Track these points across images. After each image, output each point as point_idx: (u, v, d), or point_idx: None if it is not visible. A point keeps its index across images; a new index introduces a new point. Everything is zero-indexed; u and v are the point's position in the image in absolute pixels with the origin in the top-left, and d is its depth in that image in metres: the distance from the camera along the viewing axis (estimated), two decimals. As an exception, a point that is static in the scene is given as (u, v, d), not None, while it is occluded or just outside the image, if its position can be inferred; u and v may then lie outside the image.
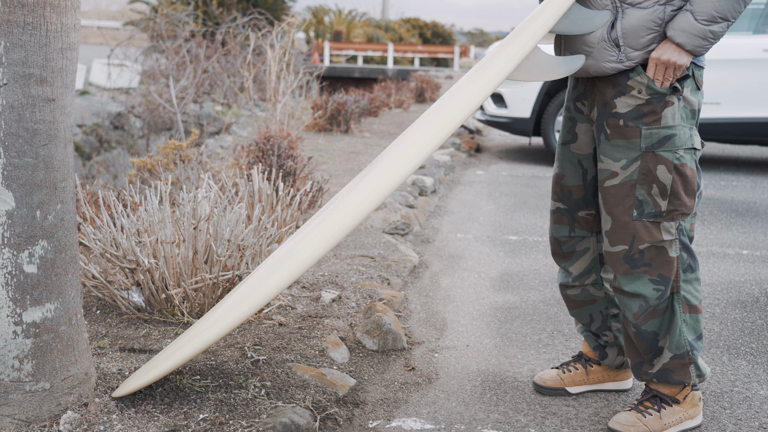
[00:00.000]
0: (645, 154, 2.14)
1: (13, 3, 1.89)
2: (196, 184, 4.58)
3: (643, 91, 2.13)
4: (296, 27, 9.73)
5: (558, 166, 2.40)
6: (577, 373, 2.52)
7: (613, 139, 2.17)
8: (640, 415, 2.25)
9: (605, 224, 2.23)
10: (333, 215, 2.06)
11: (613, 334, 2.49)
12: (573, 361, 2.57)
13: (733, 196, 5.94)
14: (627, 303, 2.23)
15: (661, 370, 2.25)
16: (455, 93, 2.21)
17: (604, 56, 2.15)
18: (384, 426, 2.29)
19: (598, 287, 2.46)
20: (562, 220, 2.41)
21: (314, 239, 2.03)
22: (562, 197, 2.40)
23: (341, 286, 3.37)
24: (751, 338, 3.06)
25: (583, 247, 2.42)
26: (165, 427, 2.04)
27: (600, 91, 2.21)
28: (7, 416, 1.99)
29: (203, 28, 13.17)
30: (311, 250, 2.02)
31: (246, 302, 2.04)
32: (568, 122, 2.36)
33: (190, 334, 2.15)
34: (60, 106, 2.01)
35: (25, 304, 1.99)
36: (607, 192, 2.21)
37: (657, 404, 2.27)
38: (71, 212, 2.09)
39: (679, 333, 2.22)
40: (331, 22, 28.19)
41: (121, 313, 2.89)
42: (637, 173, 2.15)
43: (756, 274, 3.92)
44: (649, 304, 2.20)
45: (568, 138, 2.35)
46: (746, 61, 6.69)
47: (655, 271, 2.19)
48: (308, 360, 2.60)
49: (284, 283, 2.02)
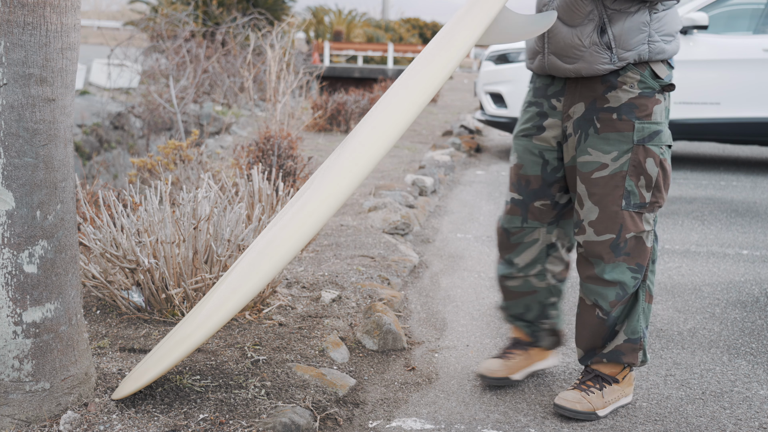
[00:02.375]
0: (637, 147, 2.26)
1: (13, 3, 1.89)
2: (196, 184, 4.58)
3: (636, 85, 2.26)
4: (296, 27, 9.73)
5: (517, 157, 2.46)
6: (520, 359, 2.57)
7: (604, 132, 2.27)
8: (584, 393, 2.37)
9: (589, 215, 2.31)
10: (309, 204, 2.04)
11: (550, 322, 2.57)
12: (512, 347, 2.60)
13: (733, 196, 5.94)
14: (603, 292, 2.33)
15: (613, 350, 2.38)
16: (424, 64, 2.16)
17: (597, 59, 2.25)
18: (384, 426, 2.29)
19: (541, 278, 2.51)
20: (516, 210, 2.47)
21: (293, 230, 2.01)
22: (519, 187, 2.46)
23: (341, 286, 3.37)
24: (751, 338, 3.06)
25: (532, 238, 2.48)
26: (165, 427, 2.04)
27: (588, 88, 2.30)
28: (7, 416, 1.99)
29: (203, 28, 13.17)
30: (292, 241, 1.99)
31: (232, 298, 2.02)
32: (535, 116, 2.42)
33: (179, 335, 2.12)
34: (60, 106, 2.01)
35: (25, 304, 1.99)
36: (594, 183, 2.29)
37: (599, 383, 2.39)
38: (71, 212, 2.09)
39: (637, 320, 2.37)
40: (331, 22, 28.19)
41: (121, 313, 2.89)
42: (627, 165, 2.26)
43: (756, 274, 3.92)
44: (626, 292, 2.32)
45: (532, 131, 2.42)
46: (746, 61, 6.69)
47: (633, 260, 2.31)
48: (308, 360, 2.60)
49: (267, 279, 2.00)
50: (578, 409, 2.33)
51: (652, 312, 3.07)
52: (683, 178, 6.77)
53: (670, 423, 2.35)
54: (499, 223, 2.53)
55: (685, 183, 6.51)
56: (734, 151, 8.57)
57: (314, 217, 2.01)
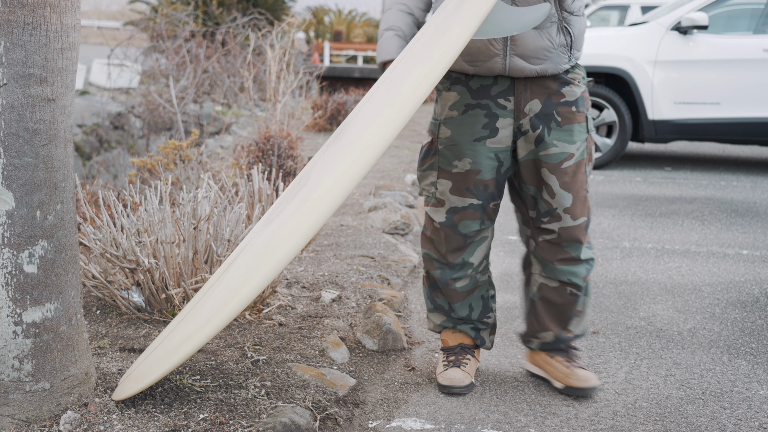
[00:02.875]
0: (588, 136, 2.48)
1: (13, 3, 1.89)
2: (196, 184, 4.59)
3: (581, 81, 2.47)
4: (296, 27, 9.72)
5: (471, 163, 2.45)
6: (472, 363, 2.61)
7: (567, 124, 2.42)
8: (581, 370, 2.53)
9: (563, 202, 2.43)
10: (312, 196, 2.00)
11: (494, 315, 2.65)
12: (461, 353, 2.60)
13: (733, 196, 5.94)
14: (577, 271, 2.48)
15: (583, 328, 2.58)
16: (415, 61, 2.11)
17: (561, 59, 2.40)
18: (384, 426, 2.29)
19: (484, 272, 2.61)
20: (474, 215, 2.49)
21: (296, 224, 1.97)
22: (476, 193, 2.47)
23: (341, 286, 3.37)
24: (751, 338, 3.06)
25: (483, 236, 2.55)
26: (165, 427, 2.03)
27: (540, 86, 2.41)
28: (7, 416, 1.99)
29: (203, 28, 13.16)
30: (296, 237, 1.95)
31: (235, 297, 1.98)
32: (484, 119, 2.43)
33: (180, 336, 2.09)
34: (60, 106, 2.01)
35: (25, 304, 1.99)
36: (564, 173, 2.43)
37: (575, 356, 2.59)
38: (71, 212, 2.09)
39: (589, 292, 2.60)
40: (331, 22, 28.18)
41: (121, 313, 2.89)
42: (585, 152, 2.46)
43: (756, 274, 3.92)
44: (592, 266, 2.52)
45: (485, 134, 2.44)
46: (746, 61, 6.69)
47: (588, 238, 2.52)
48: (308, 360, 2.60)
49: (272, 276, 1.97)
50: (595, 384, 2.50)
51: (652, 312, 3.34)
52: (683, 178, 6.78)
53: (670, 423, 2.35)
54: (451, 231, 2.49)
55: (685, 183, 6.51)
56: (734, 151, 8.57)
57: (320, 209, 1.96)
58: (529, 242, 2.58)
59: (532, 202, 2.49)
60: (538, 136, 2.41)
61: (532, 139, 2.42)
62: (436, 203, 2.51)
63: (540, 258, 2.51)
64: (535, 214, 2.49)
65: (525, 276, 2.66)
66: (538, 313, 2.56)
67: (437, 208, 2.51)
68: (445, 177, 2.47)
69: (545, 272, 2.51)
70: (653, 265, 4.05)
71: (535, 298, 2.57)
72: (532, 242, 2.55)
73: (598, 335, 3.06)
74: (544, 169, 2.43)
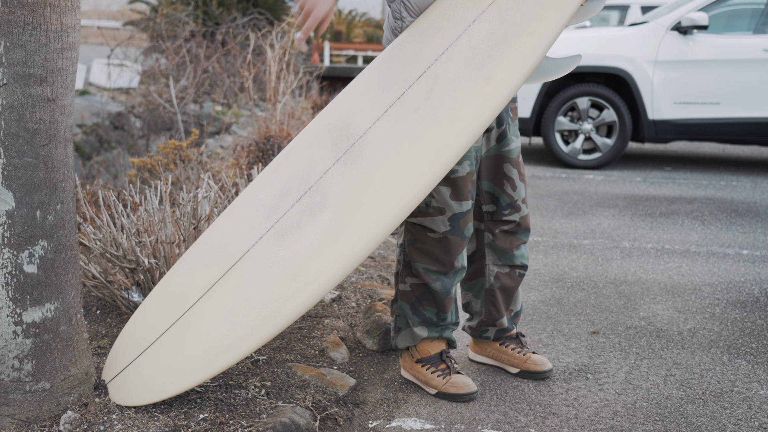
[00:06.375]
0: None
1: (13, 3, 1.89)
2: (196, 184, 4.59)
3: None
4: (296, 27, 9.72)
5: (470, 164, 2.44)
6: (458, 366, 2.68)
7: (515, 119, 2.57)
8: (535, 354, 2.67)
9: (522, 193, 2.57)
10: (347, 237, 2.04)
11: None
12: (448, 360, 2.58)
13: (733, 196, 5.94)
14: (525, 252, 2.64)
15: (520, 304, 2.73)
16: (464, 101, 2.15)
17: None
18: (384, 426, 2.29)
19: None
20: (471, 217, 2.50)
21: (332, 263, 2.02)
22: (472, 194, 2.48)
23: (341, 285, 3.37)
24: (751, 338, 3.06)
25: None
26: (165, 427, 2.04)
27: None
28: (7, 416, 1.99)
29: (203, 28, 13.17)
30: (334, 272, 2.01)
31: (272, 322, 2.01)
32: None
33: (201, 352, 2.07)
34: (60, 106, 2.01)
35: (25, 304, 1.99)
36: (520, 165, 2.58)
37: (526, 342, 2.73)
38: (71, 212, 2.09)
39: None
40: (331, 22, 28.16)
41: (121, 313, 2.89)
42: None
43: (756, 274, 3.92)
44: None
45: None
46: (746, 61, 6.70)
47: None
48: (308, 360, 2.60)
49: (318, 297, 2.01)
50: (550, 368, 2.66)
51: (652, 312, 3.36)
52: (683, 178, 6.78)
53: (670, 423, 2.35)
54: (459, 236, 2.44)
55: (685, 183, 6.51)
56: (734, 151, 8.57)
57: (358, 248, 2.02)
58: (483, 235, 2.61)
59: (487, 198, 2.57)
60: (502, 131, 2.51)
61: (495, 135, 2.51)
62: (434, 213, 2.42)
63: (498, 248, 2.60)
64: (494, 208, 2.57)
65: (473, 269, 2.65)
66: (496, 300, 2.63)
67: (435, 217, 2.42)
68: (444, 183, 2.40)
69: (500, 260, 2.61)
70: (653, 265, 4.05)
71: (494, 288, 2.62)
72: (488, 235, 2.60)
73: (598, 335, 3.06)
74: (507, 164, 2.54)
